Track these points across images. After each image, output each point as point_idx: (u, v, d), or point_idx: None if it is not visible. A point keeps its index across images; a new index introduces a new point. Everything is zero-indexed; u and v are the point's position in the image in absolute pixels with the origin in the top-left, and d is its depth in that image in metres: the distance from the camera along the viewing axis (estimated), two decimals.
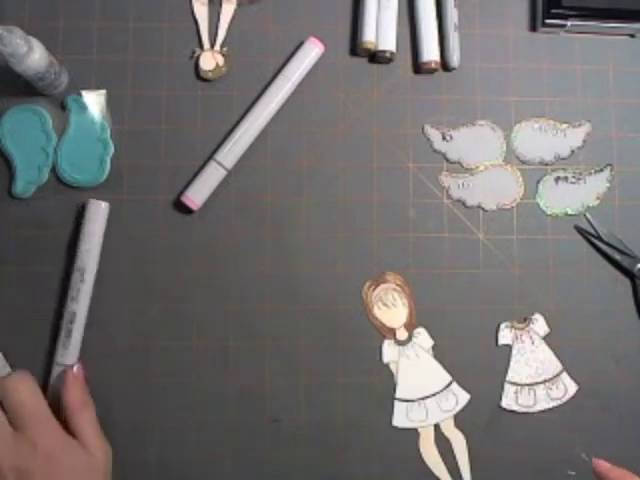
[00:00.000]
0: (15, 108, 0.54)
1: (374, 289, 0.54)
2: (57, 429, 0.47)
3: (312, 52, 0.55)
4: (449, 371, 0.53)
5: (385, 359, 0.53)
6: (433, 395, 0.53)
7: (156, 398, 0.53)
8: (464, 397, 0.53)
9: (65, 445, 0.46)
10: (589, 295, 0.55)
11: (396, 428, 0.53)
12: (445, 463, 0.53)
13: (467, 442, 0.53)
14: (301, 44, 0.55)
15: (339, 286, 0.54)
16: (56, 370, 0.52)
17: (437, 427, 0.53)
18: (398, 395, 0.53)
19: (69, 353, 0.52)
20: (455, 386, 0.53)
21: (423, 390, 0.53)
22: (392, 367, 0.53)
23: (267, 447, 0.53)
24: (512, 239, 0.55)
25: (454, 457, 0.53)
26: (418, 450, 0.53)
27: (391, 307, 0.54)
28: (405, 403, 0.53)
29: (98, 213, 0.52)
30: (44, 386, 0.52)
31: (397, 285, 0.54)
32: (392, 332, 0.54)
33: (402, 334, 0.54)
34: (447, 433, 0.53)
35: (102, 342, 0.53)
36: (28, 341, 0.53)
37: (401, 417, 0.53)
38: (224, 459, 0.52)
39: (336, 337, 0.53)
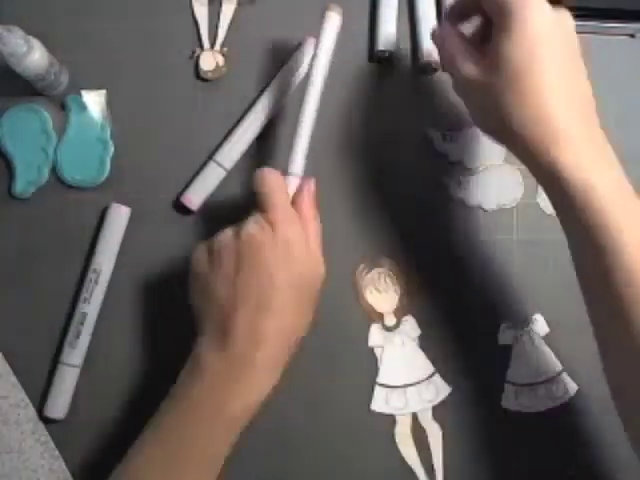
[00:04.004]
0: (15, 108, 0.54)
1: (367, 272, 0.54)
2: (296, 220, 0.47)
3: (311, 51, 0.55)
4: (436, 363, 0.53)
5: (370, 343, 0.53)
6: (415, 384, 0.53)
7: (160, 399, 0.53)
8: (445, 389, 0.53)
9: (300, 240, 0.46)
10: None
11: (373, 412, 0.53)
12: (419, 453, 0.53)
13: (443, 435, 0.53)
14: (300, 44, 0.55)
15: (337, 286, 0.54)
16: (61, 370, 0.52)
17: (415, 416, 0.53)
18: (379, 380, 0.53)
19: (76, 353, 0.52)
20: (437, 377, 0.53)
21: (405, 378, 0.53)
22: (377, 352, 0.53)
23: (268, 447, 0.53)
24: (512, 239, 0.55)
25: (428, 447, 0.53)
26: (393, 436, 0.53)
27: (382, 292, 0.54)
28: (386, 389, 0.53)
29: (119, 217, 0.53)
30: (47, 385, 0.52)
31: (391, 271, 0.54)
32: (380, 317, 0.54)
33: (390, 320, 0.54)
34: (424, 423, 0.53)
35: (103, 342, 0.53)
36: (29, 340, 0.53)
37: (380, 402, 0.53)
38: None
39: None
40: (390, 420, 0.53)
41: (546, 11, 0.42)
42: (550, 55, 0.41)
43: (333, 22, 0.50)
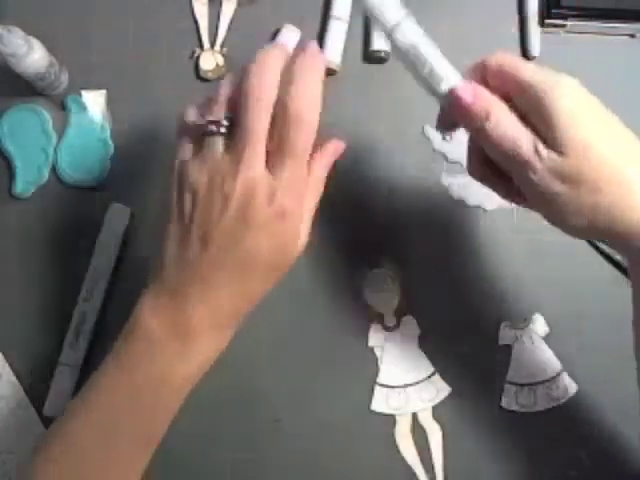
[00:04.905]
0: (15, 108, 0.54)
1: (367, 272, 0.54)
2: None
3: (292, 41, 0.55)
4: (436, 363, 0.53)
5: (370, 343, 0.53)
6: (414, 384, 0.53)
7: None
8: (445, 389, 0.53)
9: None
10: (589, 295, 0.55)
11: (373, 412, 0.53)
12: (419, 453, 0.53)
13: (443, 435, 0.53)
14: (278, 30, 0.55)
15: (337, 286, 0.54)
16: (61, 370, 0.52)
17: (415, 416, 0.53)
18: (379, 380, 0.53)
19: (76, 354, 0.52)
20: (437, 377, 0.53)
21: (405, 378, 0.53)
22: (377, 351, 0.53)
23: (267, 447, 0.53)
24: (512, 239, 0.55)
25: (428, 447, 0.53)
26: (393, 436, 0.53)
27: (382, 292, 0.54)
28: (386, 389, 0.53)
29: (119, 217, 0.53)
30: (47, 385, 0.52)
31: (391, 271, 0.54)
32: (380, 317, 0.54)
33: (390, 320, 0.54)
34: (424, 423, 0.53)
35: (103, 343, 0.53)
36: (29, 340, 0.53)
37: (380, 402, 0.53)
38: (224, 459, 0.52)
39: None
40: (390, 420, 0.53)
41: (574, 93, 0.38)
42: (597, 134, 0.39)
43: None
